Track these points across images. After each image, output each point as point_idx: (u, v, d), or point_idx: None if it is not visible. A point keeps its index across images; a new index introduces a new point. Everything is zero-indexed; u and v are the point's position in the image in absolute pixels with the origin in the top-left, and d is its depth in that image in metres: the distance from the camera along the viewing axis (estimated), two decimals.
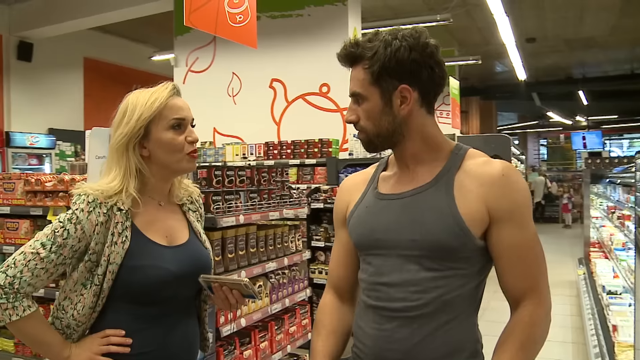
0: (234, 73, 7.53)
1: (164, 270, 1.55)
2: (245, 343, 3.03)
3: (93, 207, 1.51)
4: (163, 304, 1.58)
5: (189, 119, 1.64)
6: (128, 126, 1.56)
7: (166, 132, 1.59)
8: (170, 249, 1.60)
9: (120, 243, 1.51)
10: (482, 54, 11.77)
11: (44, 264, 1.47)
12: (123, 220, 1.54)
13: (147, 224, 1.60)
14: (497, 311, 6.30)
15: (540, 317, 1.38)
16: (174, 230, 1.66)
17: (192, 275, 1.61)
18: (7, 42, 9.42)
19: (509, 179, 1.38)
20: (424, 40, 1.38)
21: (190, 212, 1.76)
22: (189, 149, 1.62)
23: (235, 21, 3.36)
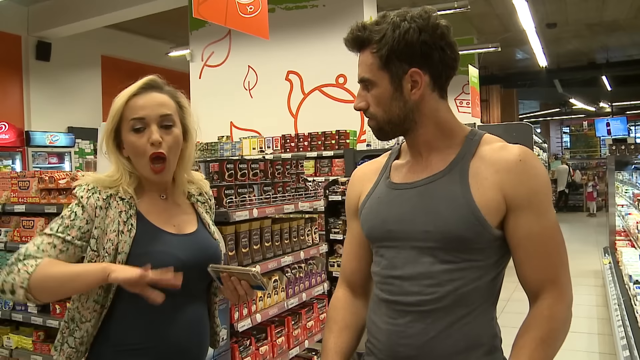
0: (250, 66, 7.49)
1: (172, 256, 1.50)
2: (262, 339, 2.99)
3: (92, 192, 1.51)
4: (172, 293, 1.49)
5: (151, 118, 1.51)
6: (107, 124, 1.54)
7: (129, 134, 1.52)
8: (178, 237, 1.56)
9: (127, 231, 1.48)
10: (502, 42, 11.56)
11: (50, 241, 1.45)
12: (126, 208, 1.51)
13: (154, 213, 1.57)
14: (520, 302, 6.20)
15: (561, 312, 1.30)
16: (181, 221, 1.62)
17: (200, 265, 1.56)
18: (25, 43, 9.53)
19: (526, 164, 1.30)
20: (434, 21, 1.31)
21: (199, 203, 1.72)
22: (150, 151, 1.50)
23: (246, 12, 3.30)
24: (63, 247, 1.45)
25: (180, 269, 1.48)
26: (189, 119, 1.63)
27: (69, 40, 9.73)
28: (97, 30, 9.65)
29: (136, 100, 1.52)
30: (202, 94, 7.94)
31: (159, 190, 1.62)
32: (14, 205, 3.46)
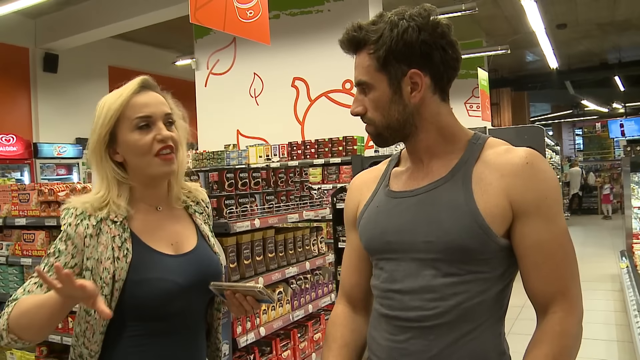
0: (256, 73, 7.42)
1: (170, 282, 1.42)
2: (266, 353, 2.90)
3: (81, 219, 1.42)
4: (171, 318, 1.45)
5: (157, 115, 1.45)
6: (96, 132, 1.44)
7: (132, 133, 1.43)
8: (176, 259, 1.47)
9: (123, 257, 1.40)
10: (511, 44, 11.41)
11: (36, 279, 1.41)
12: (120, 232, 1.42)
13: (149, 233, 1.48)
14: None
15: (572, 326, 1.20)
16: (180, 237, 1.53)
17: (200, 285, 1.48)
18: (33, 55, 9.56)
19: (534, 168, 1.21)
20: (434, 19, 1.23)
21: (197, 214, 1.62)
22: (158, 147, 1.44)
23: (246, 17, 3.22)
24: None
25: (180, 294, 1.43)
26: (179, 121, 1.56)
27: (75, 52, 9.75)
28: (104, 41, 9.65)
29: (137, 98, 1.45)
30: (208, 102, 7.89)
31: (155, 200, 1.53)
32: (15, 218, 3.40)
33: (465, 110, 12.41)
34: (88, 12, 8.68)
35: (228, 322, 2.54)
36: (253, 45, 4.12)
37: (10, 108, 8.93)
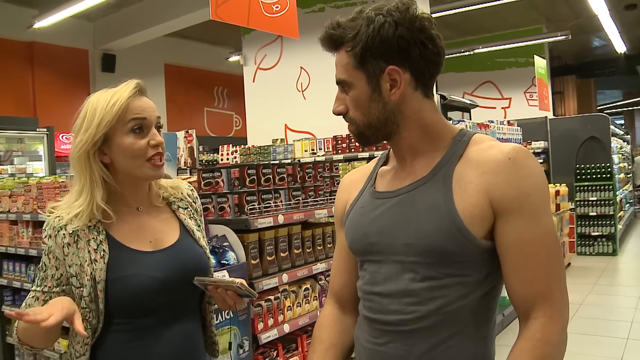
0: (302, 68, 7.40)
1: (147, 277, 1.43)
2: (291, 349, 2.88)
3: (57, 230, 1.44)
4: (157, 313, 1.46)
5: (151, 120, 1.47)
6: (88, 132, 1.43)
7: (126, 136, 1.44)
8: (154, 255, 1.48)
9: (100, 258, 1.42)
10: (574, 29, 10.90)
11: (33, 294, 1.47)
12: (95, 235, 1.44)
13: (126, 233, 1.49)
14: (595, 307, 5.79)
15: (554, 334, 1.11)
16: (160, 234, 1.53)
17: (183, 279, 1.48)
18: (92, 56, 9.96)
19: (516, 163, 1.14)
20: (412, 13, 1.18)
21: (181, 209, 1.62)
22: (152, 152, 1.46)
23: (272, 11, 3.19)
24: (45, 298, 1.45)
25: (159, 288, 1.44)
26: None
27: (132, 51, 10.07)
28: (159, 39, 9.92)
29: (134, 102, 1.45)
30: (256, 97, 7.95)
31: (135, 201, 1.54)
32: None
33: (525, 100, 12.00)
34: (142, 12, 8.94)
35: (248, 318, 2.54)
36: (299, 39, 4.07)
37: (72, 108, 9.01)
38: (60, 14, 7.93)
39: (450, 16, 9.67)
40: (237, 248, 2.60)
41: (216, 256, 2.49)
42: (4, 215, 3.78)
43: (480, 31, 12.09)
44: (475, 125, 4.90)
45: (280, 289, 2.83)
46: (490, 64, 12.38)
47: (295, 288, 2.96)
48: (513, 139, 5.90)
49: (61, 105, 9.19)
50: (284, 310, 2.81)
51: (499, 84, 12.46)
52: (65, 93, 9.43)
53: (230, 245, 2.59)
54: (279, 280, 2.77)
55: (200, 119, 12.39)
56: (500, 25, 11.65)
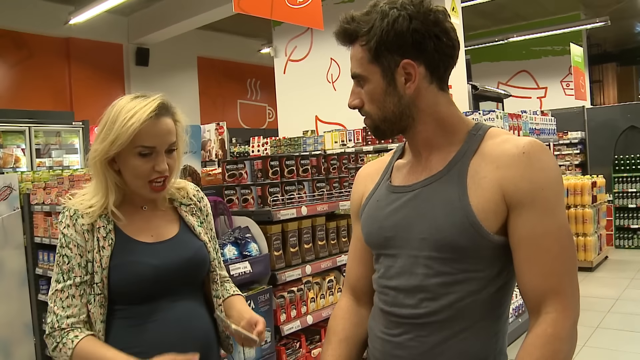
0: (332, 59, 7.38)
1: (143, 264, 1.51)
2: (315, 341, 2.89)
3: (76, 218, 1.52)
4: (158, 299, 1.52)
5: (161, 147, 1.51)
6: (103, 145, 1.48)
7: (133, 157, 1.49)
8: (153, 245, 1.57)
9: (108, 246, 1.50)
10: (614, 14, 10.56)
11: (66, 294, 1.48)
12: (105, 224, 1.52)
13: (132, 227, 1.57)
14: (634, 302, 5.62)
15: (566, 329, 1.11)
16: (160, 228, 1.61)
17: (181, 268, 1.56)
18: (126, 50, 10.13)
19: (531, 157, 1.14)
20: (426, 7, 1.20)
21: (183, 206, 1.69)
22: (154, 176, 1.52)
23: (295, 2, 3.18)
24: (80, 291, 1.48)
25: (156, 274, 1.51)
26: (181, 133, 1.61)
27: (165, 45, 10.19)
28: (192, 33, 10.01)
29: (149, 127, 1.48)
30: (287, 89, 7.97)
31: (141, 202, 1.61)
32: None
33: (561, 89, 11.70)
34: (175, 5, 9.04)
35: (270, 309, 2.56)
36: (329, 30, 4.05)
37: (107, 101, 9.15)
38: (95, 9, 8.08)
39: (485, 4, 9.50)
40: (259, 239, 2.62)
41: (238, 247, 2.51)
42: (39, 207, 3.89)
43: (516, 19, 11.83)
44: (506, 116, 4.80)
45: (303, 281, 2.85)
46: (526, 53, 12.10)
47: (319, 280, 2.96)
48: (546, 129, 5.77)
49: (96, 99, 9.36)
50: (307, 301, 2.82)
51: (535, 73, 12.17)
52: (101, 87, 9.62)
53: (253, 237, 2.61)
54: (302, 272, 2.78)
55: (233, 111, 12.49)
56: (537, 12, 11.37)
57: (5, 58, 8.88)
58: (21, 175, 4.65)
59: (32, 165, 7.17)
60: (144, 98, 1.52)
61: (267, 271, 2.61)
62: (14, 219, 3.93)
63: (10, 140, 7.28)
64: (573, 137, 9.84)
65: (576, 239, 7.29)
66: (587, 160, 9.89)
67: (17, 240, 3.93)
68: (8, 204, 3.93)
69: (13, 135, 7.30)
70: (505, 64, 12.42)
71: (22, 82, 9.01)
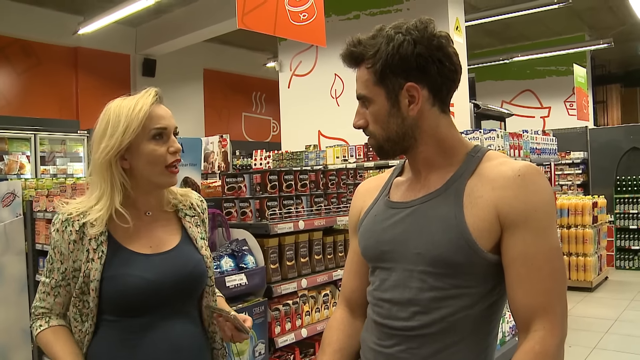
0: (337, 74, 7.46)
1: (138, 278, 1.49)
2: (309, 354, 2.90)
3: (65, 225, 1.50)
4: (148, 313, 1.51)
5: (171, 128, 1.55)
6: (113, 139, 1.48)
7: (147, 143, 1.51)
8: (150, 257, 1.54)
9: (97, 259, 1.48)
10: (618, 36, 10.64)
11: (45, 288, 1.56)
12: (97, 235, 1.49)
13: (129, 236, 1.55)
14: (630, 323, 5.61)
15: (553, 347, 1.15)
16: (160, 239, 1.59)
17: (176, 282, 1.54)
18: (133, 61, 10.26)
19: (525, 180, 1.20)
20: (430, 32, 1.25)
21: (187, 217, 1.68)
22: (171, 159, 1.54)
23: (299, 20, 3.24)
24: (54, 292, 1.55)
25: (150, 288, 1.49)
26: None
27: (172, 56, 10.31)
28: (199, 45, 10.13)
29: (155, 110, 1.53)
30: (291, 103, 8.05)
31: (146, 206, 1.60)
32: None
33: (564, 110, 11.75)
34: (182, 18, 9.15)
35: (264, 322, 2.58)
36: (334, 46, 4.11)
37: None
38: (104, 19, 8.20)
39: (491, 24, 9.58)
40: (256, 252, 2.64)
41: (235, 259, 2.54)
42: (41, 214, 3.93)
43: (521, 39, 11.92)
44: (507, 135, 4.83)
45: (299, 294, 2.87)
46: (530, 72, 12.18)
47: (315, 293, 2.99)
48: (547, 149, 5.79)
49: (102, 108, 9.36)
50: (302, 315, 2.84)
51: (539, 93, 12.23)
52: (107, 97, 9.25)
53: (250, 249, 2.63)
54: (298, 285, 2.80)
55: (238, 124, 12.58)
56: (542, 33, 11.46)
57: (14, 65, 9.00)
58: (25, 182, 4.70)
59: (36, 173, 7.23)
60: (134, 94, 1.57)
61: (263, 284, 2.63)
62: (16, 225, 3.97)
63: (16, 147, 7.36)
64: (575, 157, 9.87)
65: (576, 259, 7.30)
66: (589, 180, 9.91)
67: (19, 246, 3.97)
68: (11, 210, 3.98)
69: (18, 142, 7.38)
70: (510, 82, 12.50)
71: (29, 90, 9.12)
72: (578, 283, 7.24)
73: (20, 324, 3.89)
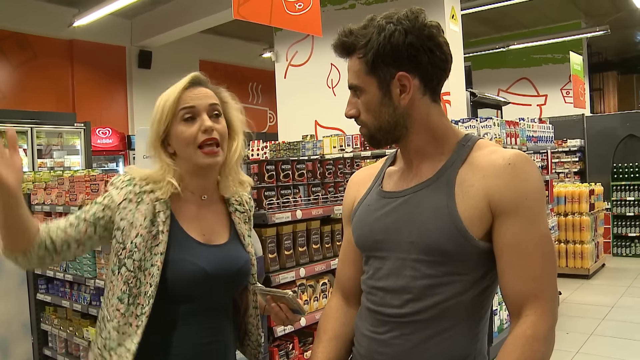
0: (333, 64, 7.44)
1: (196, 267, 1.50)
2: (308, 343, 2.93)
3: (126, 184, 1.52)
4: (195, 303, 1.52)
5: (201, 107, 1.53)
6: (154, 127, 1.53)
7: (179, 125, 1.52)
8: (206, 247, 1.55)
9: (166, 232, 1.49)
10: (614, 23, 10.62)
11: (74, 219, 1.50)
12: (163, 209, 1.51)
13: (186, 219, 1.56)
14: (629, 310, 5.65)
15: (544, 331, 1.18)
16: (212, 231, 1.59)
17: (226, 277, 1.55)
18: (129, 53, 10.24)
19: (516, 168, 1.21)
20: (421, 22, 1.26)
21: (237, 212, 1.68)
22: (201, 138, 1.50)
23: (294, 9, 3.24)
24: (74, 222, 1.49)
25: (203, 279, 1.50)
26: (233, 112, 1.62)
27: (168, 48, 10.28)
28: (194, 36, 10.10)
29: (186, 93, 1.54)
30: (287, 94, 8.04)
31: (201, 190, 1.60)
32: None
33: (561, 97, 11.76)
34: (178, 9, 9.12)
35: None
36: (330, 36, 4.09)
37: (110, 103, 9.60)
38: (99, 11, 8.17)
39: (487, 12, 9.56)
40: (254, 242, 2.66)
41: None
42: (39, 207, 3.93)
43: (518, 27, 11.89)
44: (503, 123, 4.85)
45: (297, 283, 2.89)
46: (526, 60, 12.17)
47: (313, 282, 3.01)
48: (544, 137, 5.81)
49: (99, 101, 9.50)
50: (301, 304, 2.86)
51: (535, 81, 12.23)
52: (103, 89, 9.72)
53: None
54: (296, 275, 2.83)
55: None
56: (538, 20, 11.44)
57: (9, 59, 8.97)
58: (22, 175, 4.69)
59: (33, 166, 7.23)
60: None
61: (262, 273, 2.64)
62: None
63: None
64: (572, 145, 9.89)
65: (573, 246, 7.33)
66: (586, 168, 9.93)
67: None
68: None
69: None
70: (506, 71, 12.49)
71: (25, 83, 9.09)
72: (575, 270, 7.28)
73: (20, 316, 3.91)
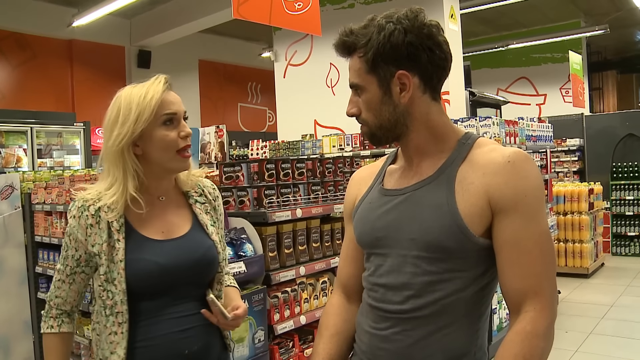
0: (332, 64, 7.46)
1: (150, 262, 1.52)
2: (308, 341, 2.94)
3: (82, 211, 1.54)
4: (165, 296, 1.55)
5: (180, 113, 1.57)
6: (125, 127, 1.50)
7: (158, 129, 1.53)
8: (162, 243, 1.57)
9: (123, 239, 1.52)
10: (614, 22, 10.63)
11: (60, 276, 1.59)
12: (117, 217, 1.53)
13: (142, 222, 1.58)
14: (628, 309, 5.66)
15: (543, 327, 1.19)
16: (172, 225, 1.62)
17: (188, 266, 1.57)
18: (128, 53, 10.26)
19: (515, 166, 1.23)
20: (420, 21, 1.27)
21: (197, 204, 1.70)
22: (182, 144, 1.56)
23: (294, 9, 3.24)
24: (69, 280, 1.58)
25: (160, 272, 1.53)
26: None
27: (167, 47, 10.30)
28: (194, 36, 10.12)
29: (165, 97, 1.55)
30: (286, 93, 8.05)
31: (159, 191, 1.62)
32: None
33: (560, 97, 11.78)
34: (177, 9, 9.14)
35: (264, 309, 2.61)
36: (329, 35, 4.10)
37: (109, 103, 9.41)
38: (98, 11, 8.18)
39: (486, 11, 9.58)
40: (254, 240, 2.67)
41: (234, 248, 2.57)
42: (40, 206, 3.95)
43: (517, 26, 11.91)
44: (502, 122, 4.85)
45: (297, 282, 2.90)
46: (526, 60, 12.19)
47: (313, 281, 3.02)
48: (543, 136, 5.82)
49: (98, 100, 9.38)
50: (301, 302, 2.87)
51: (534, 80, 12.25)
52: (102, 89, 9.69)
53: (248, 238, 2.66)
54: (296, 273, 2.83)
55: (234, 115, 12.58)
56: (537, 19, 11.46)
57: (9, 59, 8.99)
58: (23, 175, 4.71)
59: (33, 166, 7.23)
60: (143, 82, 1.58)
61: (262, 271, 2.65)
62: (15, 217, 3.99)
63: (12, 141, 7.35)
64: (571, 144, 9.90)
65: (572, 245, 7.34)
66: (585, 167, 9.95)
67: (18, 238, 4.00)
68: (9, 203, 3.99)
69: (15, 135, 7.37)
70: (505, 70, 12.51)
71: (24, 83, 9.11)
72: (574, 269, 7.29)
73: (21, 315, 3.92)
